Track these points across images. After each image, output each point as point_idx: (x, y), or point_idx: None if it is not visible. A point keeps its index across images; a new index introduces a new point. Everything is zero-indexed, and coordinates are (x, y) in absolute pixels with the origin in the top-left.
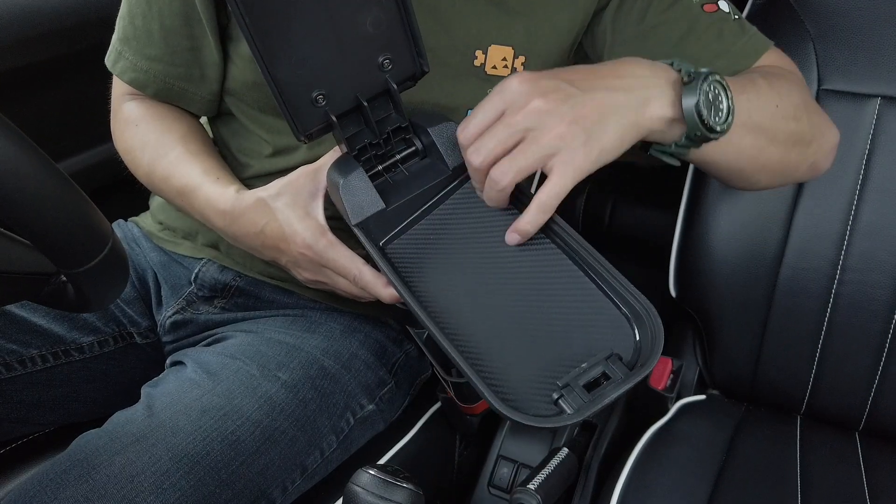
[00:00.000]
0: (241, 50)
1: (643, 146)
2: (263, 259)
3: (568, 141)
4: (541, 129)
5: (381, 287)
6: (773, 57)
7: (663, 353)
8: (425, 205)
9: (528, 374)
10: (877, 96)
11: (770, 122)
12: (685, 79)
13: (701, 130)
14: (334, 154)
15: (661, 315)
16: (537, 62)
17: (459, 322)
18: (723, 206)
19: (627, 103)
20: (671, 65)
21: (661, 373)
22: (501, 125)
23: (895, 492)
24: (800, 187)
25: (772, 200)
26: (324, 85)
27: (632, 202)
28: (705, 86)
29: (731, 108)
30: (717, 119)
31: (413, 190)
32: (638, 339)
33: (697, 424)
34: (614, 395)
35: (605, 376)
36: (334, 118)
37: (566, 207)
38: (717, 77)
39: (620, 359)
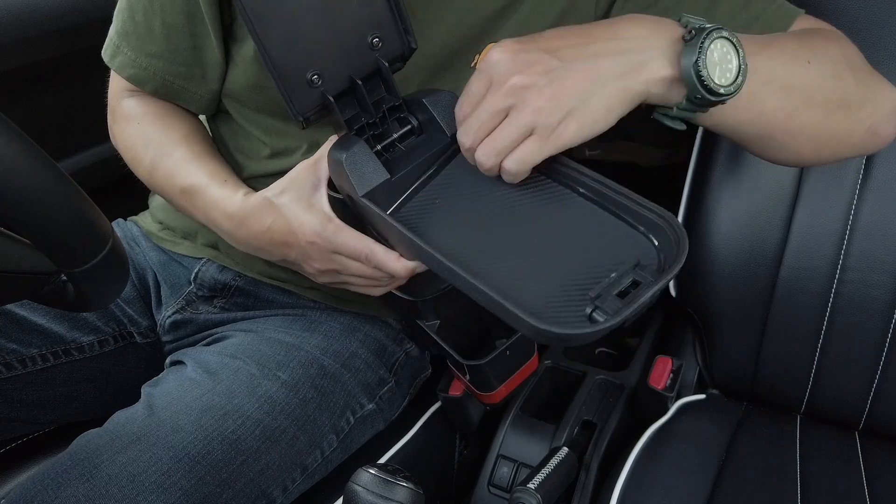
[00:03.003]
0: (244, 51)
1: (648, 108)
2: (272, 260)
3: (545, 116)
4: (520, 106)
5: (394, 261)
6: (807, 22)
7: (663, 353)
8: (429, 171)
9: (557, 296)
10: None
11: (801, 81)
12: (686, 36)
13: (701, 93)
14: (331, 144)
15: (660, 314)
16: None
17: (480, 266)
18: (723, 206)
19: (615, 69)
20: (679, 20)
21: (661, 372)
22: (483, 107)
23: (895, 491)
24: (799, 187)
25: (772, 200)
26: (318, 65)
27: None
28: (708, 42)
29: (742, 67)
30: (722, 80)
31: (414, 160)
32: (660, 246)
33: (697, 424)
34: (648, 295)
35: (634, 284)
36: (331, 98)
37: None
38: (725, 33)
39: (647, 267)
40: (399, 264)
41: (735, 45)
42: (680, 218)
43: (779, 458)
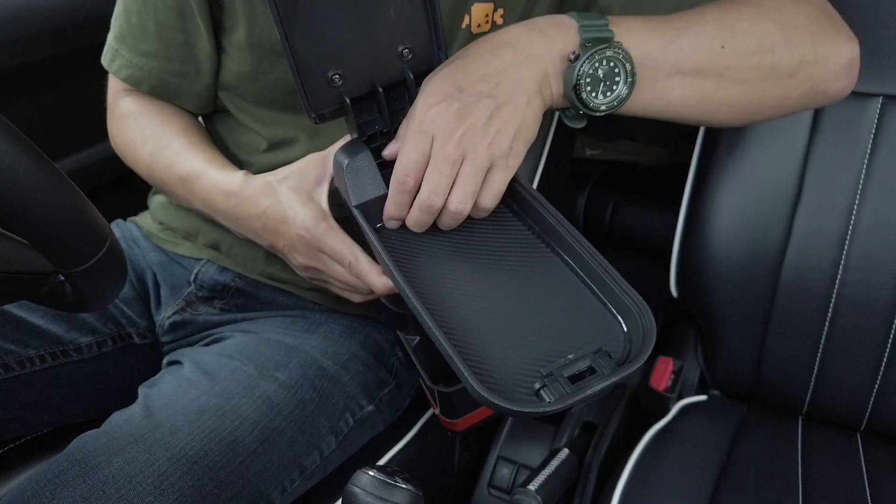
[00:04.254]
0: (235, 39)
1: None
2: (261, 245)
3: (497, 147)
4: (472, 149)
5: (375, 276)
6: None
7: (665, 354)
8: None
9: (512, 364)
10: (879, 95)
11: (713, 65)
12: (571, 56)
13: (582, 109)
14: (342, 143)
15: (661, 314)
16: (516, 12)
17: (448, 311)
18: (724, 206)
19: (534, 88)
20: (579, 25)
21: (662, 373)
22: (441, 160)
23: None
24: (800, 187)
25: (773, 200)
26: (341, 65)
27: (633, 202)
28: (588, 65)
29: (630, 80)
30: (605, 96)
31: None
32: (629, 335)
33: (699, 425)
34: (597, 388)
35: (590, 370)
36: (348, 101)
37: (567, 207)
38: (616, 50)
39: (609, 355)
40: (379, 280)
41: (624, 62)
42: (681, 218)
43: (781, 459)
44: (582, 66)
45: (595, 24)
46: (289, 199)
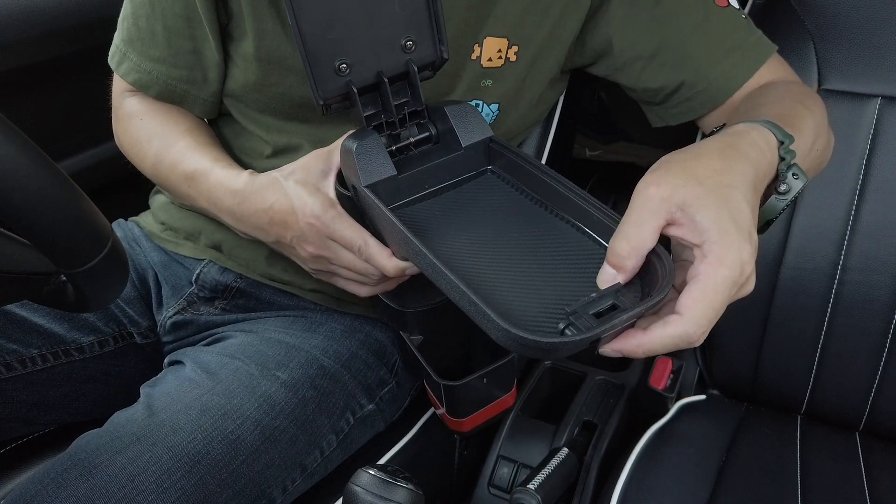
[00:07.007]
0: (243, 49)
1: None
2: (267, 242)
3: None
4: (747, 283)
5: (385, 258)
6: (777, 63)
7: (663, 354)
8: (437, 184)
9: (535, 310)
10: (877, 96)
11: (806, 164)
12: (781, 188)
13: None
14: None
15: None
16: (531, 51)
17: (465, 272)
18: None
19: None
20: (780, 144)
21: (661, 373)
22: (725, 302)
23: (895, 492)
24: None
25: None
26: (349, 54)
27: None
28: (791, 201)
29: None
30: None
31: (424, 163)
32: (646, 276)
33: (698, 424)
34: (623, 318)
35: (613, 307)
36: (355, 90)
37: None
38: (804, 183)
39: (628, 294)
40: (390, 262)
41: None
42: None
43: (779, 458)
44: (788, 204)
45: (789, 146)
46: (296, 191)
